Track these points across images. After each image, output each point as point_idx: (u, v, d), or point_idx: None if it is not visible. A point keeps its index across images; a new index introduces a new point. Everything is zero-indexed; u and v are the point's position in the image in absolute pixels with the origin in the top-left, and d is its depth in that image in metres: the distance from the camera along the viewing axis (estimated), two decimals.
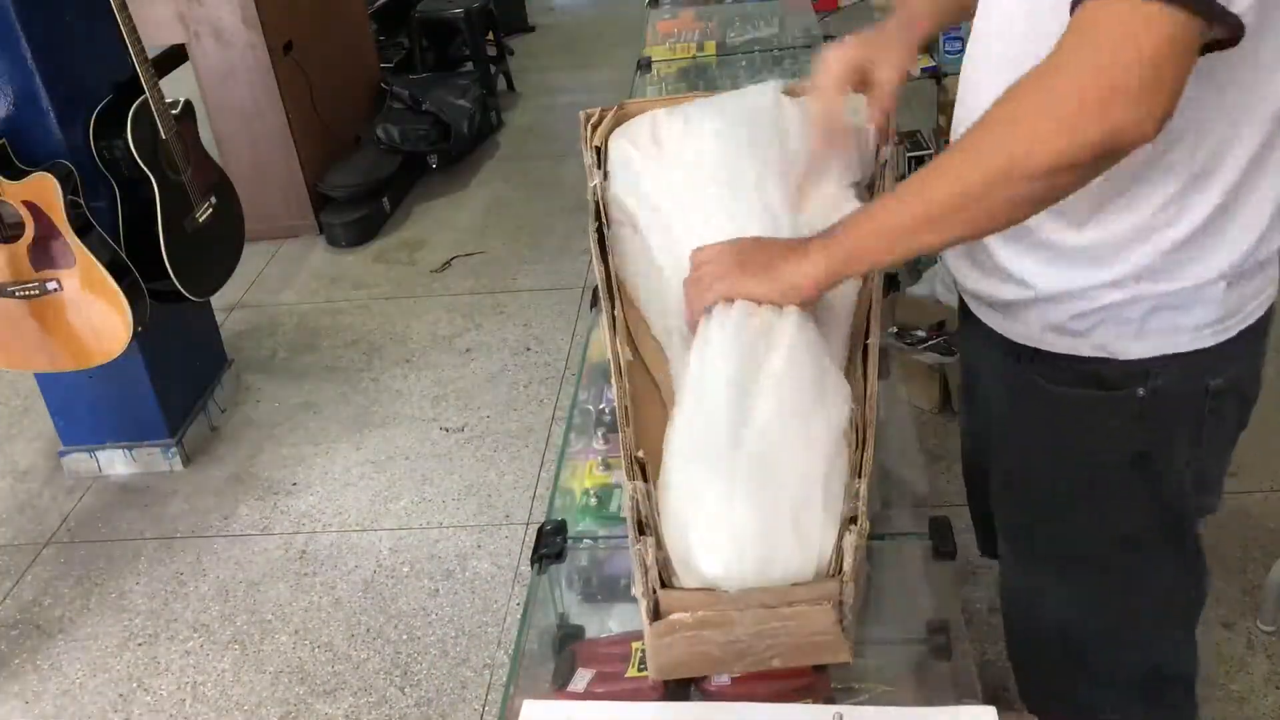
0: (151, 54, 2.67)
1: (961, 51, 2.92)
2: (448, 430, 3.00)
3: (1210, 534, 2.44)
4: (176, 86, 3.17)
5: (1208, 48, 0.88)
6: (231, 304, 3.72)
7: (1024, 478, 1.28)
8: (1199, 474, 1.20)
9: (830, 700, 0.95)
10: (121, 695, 2.29)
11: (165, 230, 2.63)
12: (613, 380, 1.13)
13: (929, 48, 3.10)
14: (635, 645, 0.99)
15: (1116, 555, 1.24)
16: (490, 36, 5.39)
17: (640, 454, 1.01)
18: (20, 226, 2.41)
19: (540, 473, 2.78)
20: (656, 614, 0.86)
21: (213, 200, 2.84)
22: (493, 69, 5.33)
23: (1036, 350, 1.16)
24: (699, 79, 2.35)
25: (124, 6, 2.46)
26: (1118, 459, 1.17)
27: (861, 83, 1.31)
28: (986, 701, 0.91)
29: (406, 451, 2.91)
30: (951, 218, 0.95)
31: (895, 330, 2.74)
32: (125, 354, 2.57)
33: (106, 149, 2.57)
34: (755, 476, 0.92)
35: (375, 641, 2.35)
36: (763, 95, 1.46)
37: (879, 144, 1.39)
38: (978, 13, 1.15)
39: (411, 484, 2.80)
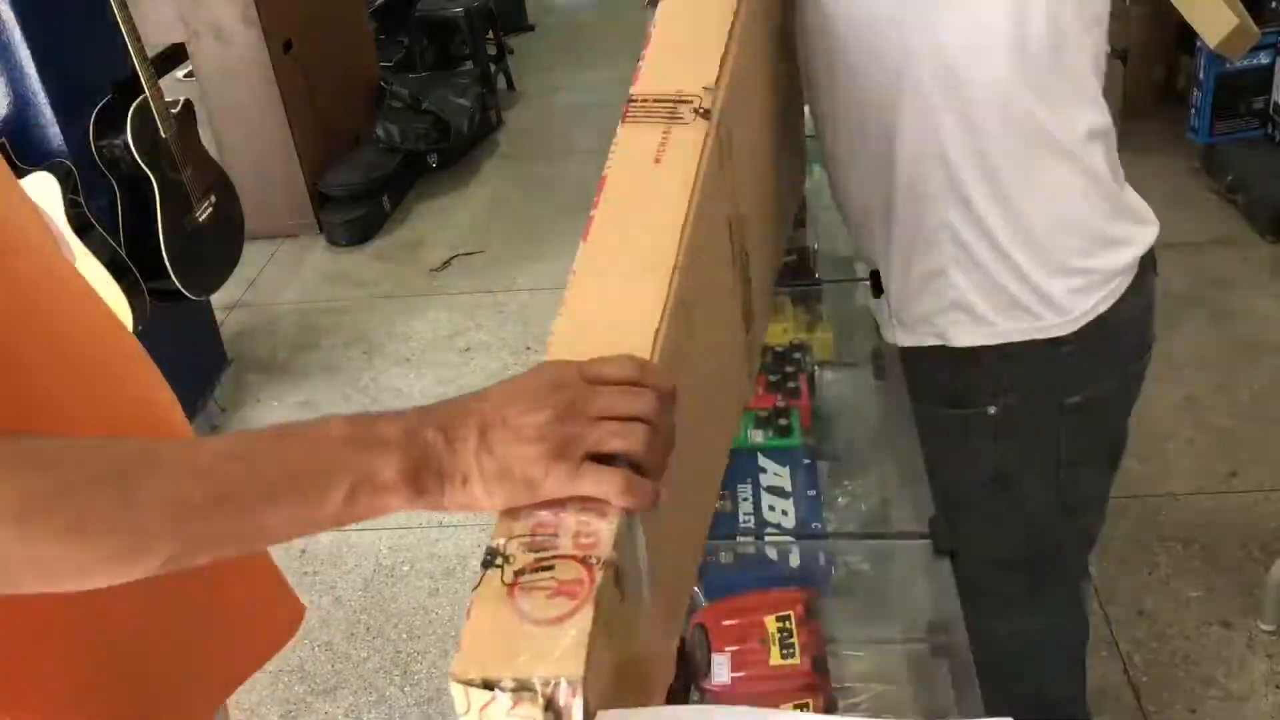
0: (151, 54, 2.67)
1: None
2: None
3: (1210, 533, 2.45)
4: (176, 86, 3.17)
5: None
6: (231, 303, 3.72)
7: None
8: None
9: (830, 700, 0.95)
10: None
11: (165, 229, 2.63)
12: None
13: None
14: None
15: (994, 576, 1.19)
16: (490, 35, 5.39)
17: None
18: None
19: None
20: None
21: (213, 199, 2.84)
22: (493, 68, 5.33)
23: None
24: None
25: (124, 6, 2.46)
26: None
27: None
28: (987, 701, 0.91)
29: None
30: None
31: None
32: None
33: (106, 148, 2.57)
34: None
35: (375, 640, 2.35)
36: None
37: None
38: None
39: None
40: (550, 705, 0.54)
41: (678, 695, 0.96)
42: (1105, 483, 1.22)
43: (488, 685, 0.55)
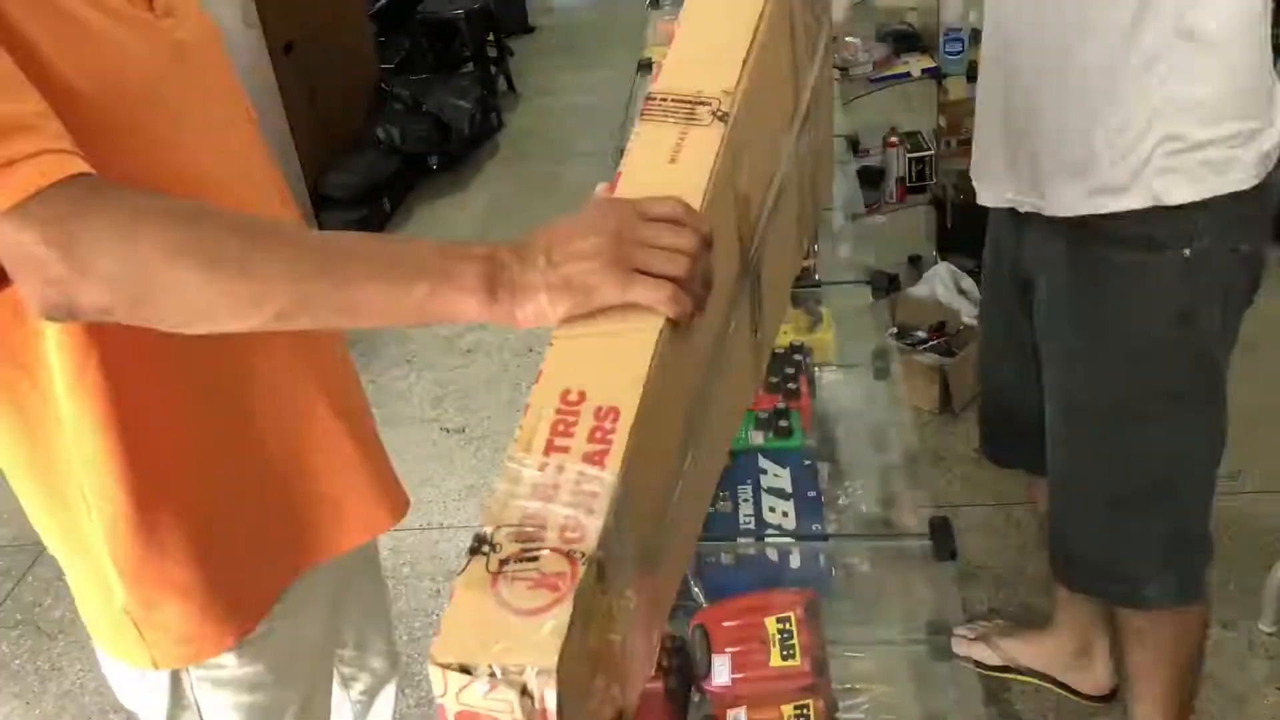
0: None
1: (962, 52, 2.93)
2: (448, 431, 3.00)
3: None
4: None
5: None
6: None
7: (1087, 350, 1.44)
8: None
9: (831, 700, 0.95)
10: None
11: None
12: None
13: (928, 48, 3.10)
14: None
15: (1164, 409, 1.42)
16: (490, 37, 5.39)
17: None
18: None
19: None
20: None
21: None
22: (493, 69, 5.33)
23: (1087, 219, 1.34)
24: None
25: None
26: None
27: None
28: (986, 702, 0.91)
29: (406, 452, 2.91)
30: None
31: (895, 330, 2.74)
32: None
33: None
34: None
35: None
36: None
37: None
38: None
39: (412, 485, 2.76)
40: (524, 692, 0.56)
41: (678, 696, 0.97)
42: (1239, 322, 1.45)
43: (465, 670, 0.56)
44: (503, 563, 0.60)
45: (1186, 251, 1.31)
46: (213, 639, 1.07)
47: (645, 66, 2.42)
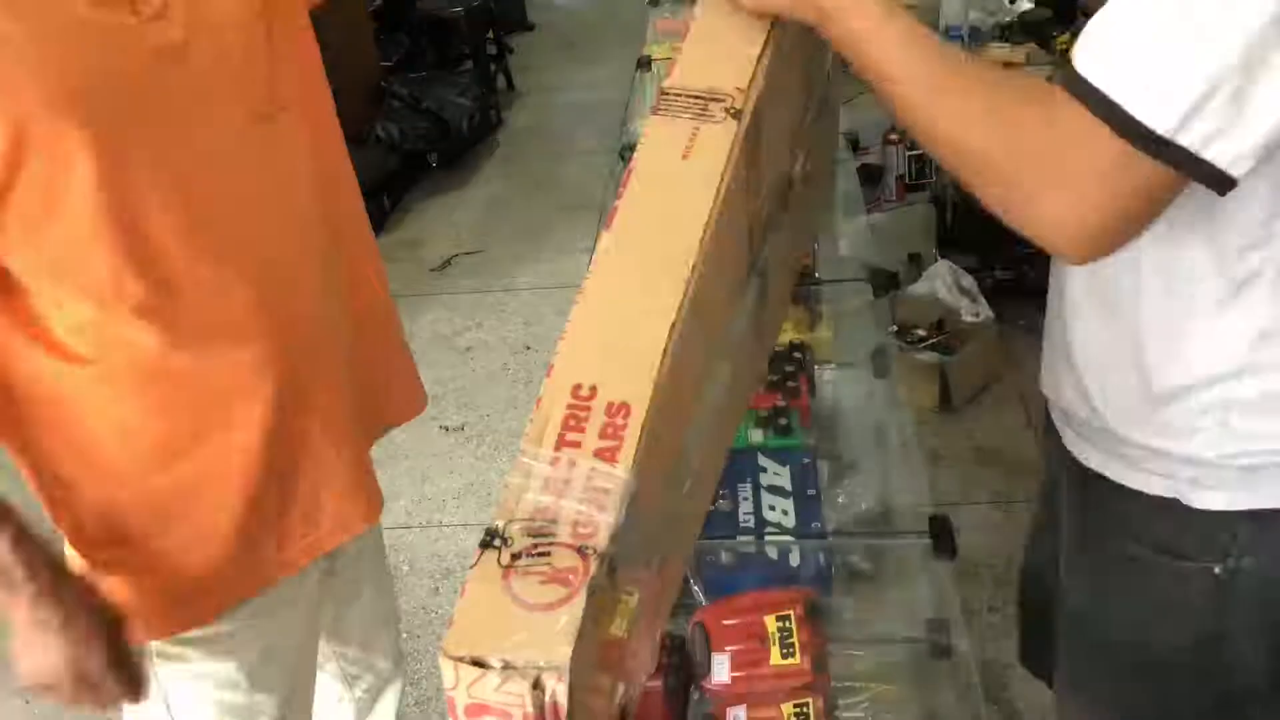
0: None
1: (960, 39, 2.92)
2: (447, 429, 3.00)
3: None
4: None
5: None
6: None
7: (1092, 630, 1.08)
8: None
9: (830, 699, 0.95)
10: None
11: None
12: None
13: None
14: None
15: None
16: (490, 35, 5.39)
17: None
18: None
19: None
20: None
21: None
22: (492, 67, 5.33)
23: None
24: None
25: None
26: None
27: None
28: (987, 701, 0.91)
29: (406, 450, 2.91)
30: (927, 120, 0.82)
31: (895, 329, 2.74)
32: None
33: None
34: None
35: None
36: None
37: None
38: None
39: (411, 483, 2.80)
40: (536, 686, 0.56)
41: (677, 694, 0.96)
42: None
43: (477, 664, 0.57)
44: (514, 557, 0.61)
45: (1217, 569, 0.94)
46: (157, 620, 1.09)
47: (645, 64, 2.41)
